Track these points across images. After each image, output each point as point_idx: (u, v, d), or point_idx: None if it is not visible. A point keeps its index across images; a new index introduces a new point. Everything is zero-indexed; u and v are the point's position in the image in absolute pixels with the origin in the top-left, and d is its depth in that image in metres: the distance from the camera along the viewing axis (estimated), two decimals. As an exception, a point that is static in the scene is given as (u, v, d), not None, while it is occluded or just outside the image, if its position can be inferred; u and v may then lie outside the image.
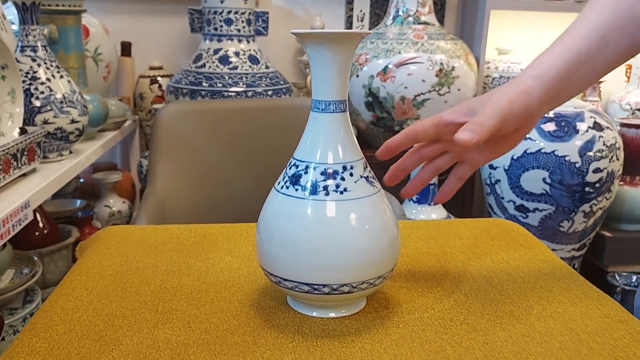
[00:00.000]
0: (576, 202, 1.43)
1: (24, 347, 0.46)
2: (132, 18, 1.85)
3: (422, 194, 1.51)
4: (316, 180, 0.48)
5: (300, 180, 0.49)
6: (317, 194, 0.48)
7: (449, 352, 0.46)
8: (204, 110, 1.20)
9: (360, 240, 0.48)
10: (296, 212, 0.48)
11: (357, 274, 0.48)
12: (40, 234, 1.22)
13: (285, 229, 0.49)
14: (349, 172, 0.49)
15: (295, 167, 0.50)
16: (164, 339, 0.47)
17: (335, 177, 0.49)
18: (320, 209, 0.48)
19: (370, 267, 0.49)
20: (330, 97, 0.49)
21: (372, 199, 0.50)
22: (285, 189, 0.50)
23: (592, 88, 1.96)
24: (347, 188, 0.48)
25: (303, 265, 0.48)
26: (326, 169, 0.49)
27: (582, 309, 0.53)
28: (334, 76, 0.49)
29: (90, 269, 0.61)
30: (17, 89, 0.96)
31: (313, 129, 0.50)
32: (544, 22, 2.04)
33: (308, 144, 0.50)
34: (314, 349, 0.46)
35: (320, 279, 0.48)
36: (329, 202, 0.48)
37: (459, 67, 1.59)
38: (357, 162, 0.50)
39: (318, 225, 0.48)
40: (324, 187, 0.48)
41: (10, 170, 0.87)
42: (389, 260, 0.50)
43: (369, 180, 0.50)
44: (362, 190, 0.49)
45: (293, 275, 0.49)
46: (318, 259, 0.47)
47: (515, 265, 0.63)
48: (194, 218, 1.09)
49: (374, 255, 0.49)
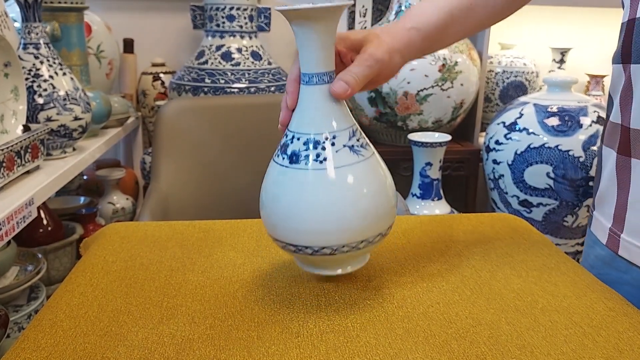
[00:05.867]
0: (580, 197, 1.43)
1: (30, 343, 0.46)
2: (134, 15, 1.85)
3: (426, 189, 1.51)
4: (299, 150, 0.50)
5: (287, 150, 0.51)
6: (298, 163, 0.50)
7: (454, 346, 0.46)
8: (206, 106, 1.20)
9: (337, 209, 0.49)
10: (280, 179, 0.51)
11: (336, 238, 0.50)
12: (45, 231, 1.22)
13: (271, 195, 0.52)
14: (331, 141, 0.50)
15: (285, 137, 0.52)
16: (169, 335, 0.47)
17: (317, 147, 0.50)
18: (300, 177, 0.50)
19: (352, 232, 0.50)
20: (314, 70, 0.50)
21: (356, 167, 0.50)
22: (276, 157, 0.52)
23: (596, 82, 1.95)
24: (327, 157, 0.50)
25: (289, 228, 0.50)
26: (308, 139, 0.50)
27: (586, 302, 0.53)
28: (315, 49, 0.50)
29: (94, 265, 0.61)
30: (20, 86, 0.96)
31: (301, 101, 0.52)
32: (547, 16, 2.03)
33: (296, 115, 0.52)
34: (319, 344, 0.46)
35: (311, 242, 0.50)
36: (309, 171, 0.50)
37: (462, 62, 1.58)
38: (342, 132, 0.51)
39: (298, 192, 0.50)
40: (305, 156, 0.50)
41: (14, 167, 0.87)
42: (382, 221, 0.52)
43: (353, 148, 0.51)
44: (345, 159, 0.50)
45: (288, 239, 0.51)
46: (300, 223, 0.50)
47: (520, 259, 0.63)
48: (197, 214, 1.09)
49: (360, 220, 0.50)
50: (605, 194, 0.66)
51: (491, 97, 1.93)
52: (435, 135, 1.50)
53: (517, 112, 1.49)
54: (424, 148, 1.46)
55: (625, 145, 0.61)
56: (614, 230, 0.64)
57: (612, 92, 0.65)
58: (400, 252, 0.65)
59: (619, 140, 0.62)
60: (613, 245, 0.64)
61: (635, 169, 0.60)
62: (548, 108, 1.44)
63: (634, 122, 0.59)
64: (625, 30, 0.61)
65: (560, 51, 1.93)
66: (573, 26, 2.06)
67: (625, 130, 0.61)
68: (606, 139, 0.66)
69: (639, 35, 0.58)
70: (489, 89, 1.93)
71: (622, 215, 0.63)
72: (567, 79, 1.48)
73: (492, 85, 1.92)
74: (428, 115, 1.61)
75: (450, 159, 1.65)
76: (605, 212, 0.66)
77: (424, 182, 1.51)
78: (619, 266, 0.63)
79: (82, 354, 0.44)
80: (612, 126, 0.64)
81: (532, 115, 1.45)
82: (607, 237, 0.65)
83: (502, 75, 1.90)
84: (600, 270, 0.66)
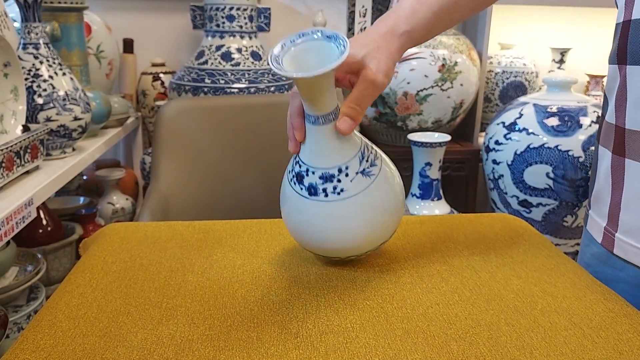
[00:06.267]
0: (580, 197, 1.43)
1: (29, 344, 0.46)
2: (134, 15, 1.85)
3: (426, 189, 1.51)
4: (315, 183, 0.54)
5: (304, 181, 0.55)
6: (317, 195, 0.54)
7: (453, 347, 0.46)
8: (206, 106, 1.20)
9: (358, 228, 0.55)
10: (303, 208, 0.55)
11: (360, 249, 0.58)
12: (44, 231, 1.22)
13: (296, 219, 0.57)
14: (345, 173, 0.54)
15: (299, 167, 0.56)
16: (168, 335, 0.47)
17: (332, 180, 0.54)
18: (321, 209, 0.54)
19: (372, 242, 0.57)
20: (319, 112, 0.53)
21: (369, 190, 0.54)
22: (293, 184, 0.56)
23: (595, 82, 1.95)
24: (344, 188, 0.54)
25: (313, 245, 0.58)
26: (323, 174, 0.54)
27: (586, 303, 0.53)
28: (319, 95, 0.51)
29: (94, 265, 0.61)
30: (20, 86, 0.96)
31: (309, 136, 0.54)
32: (547, 16, 2.03)
33: (306, 148, 0.55)
34: (318, 345, 0.46)
35: (330, 254, 0.58)
36: (328, 203, 0.54)
37: (462, 62, 1.58)
38: (352, 160, 0.54)
39: (321, 221, 0.55)
40: (322, 189, 0.54)
41: (13, 167, 0.87)
42: (391, 230, 0.59)
43: (365, 172, 0.54)
44: (359, 185, 0.54)
45: (308, 248, 0.59)
46: (322, 243, 0.57)
47: (519, 260, 0.63)
48: (197, 214, 1.09)
49: (375, 234, 0.57)
50: (600, 193, 0.66)
51: (491, 97, 1.93)
52: (435, 136, 1.50)
53: (516, 112, 1.49)
54: (424, 148, 1.46)
55: (620, 146, 0.61)
56: (609, 230, 0.64)
57: (608, 92, 0.65)
58: (399, 252, 0.65)
59: (613, 141, 0.63)
60: (608, 244, 0.64)
61: (629, 169, 0.60)
62: (548, 108, 1.44)
63: (629, 122, 0.59)
64: (621, 32, 0.61)
65: (560, 51, 1.93)
66: (573, 26, 2.06)
67: (620, 130, 0.61)
68: (601, 139, 0.67)
69: (634, 37, 0.58)
70: (489, 89, 1.93)
71: (616, 214, 0.63)
72: (567, 79, 1.48)
73: (492, 85, 1.92)
74: (428, 116, 1.61)
75: (450, 159, 1.65)
76: (600, 211, 0.67)
77: (423, 182, 1.51)
78: (615, 264, 0.64)
79: (81, 354, 0.44)
80: (607, 126, 0.64)
81: (531, 115, 1.45)
82: (603, 236, 0.65)
83: (502, 76, 1.90)
84: (596, 268, 0.66)
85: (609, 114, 0.64)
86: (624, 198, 0.61)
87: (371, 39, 0.56)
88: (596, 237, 0.67)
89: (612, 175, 0.63)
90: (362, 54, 0.54)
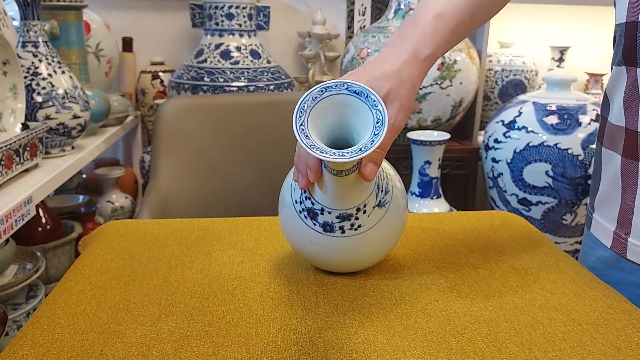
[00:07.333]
0: (579, 195, 1.43)
1: (28, 340, 0.46)
2: (133, 13, 1.84)
3: (425, 188, 1.51)
4: (332, 222, 0.53)
5: (318, 218, 0.53)
6: (333, 232, 0.53)
7: (452, 343, 0.46)
8: (205, 105, 1.20)
9: (371, 255, 0.56)
10: (314, 240, 0.54)
11: (367, 265, 0.59)
12: (43, 229, 1.22)
13: (305, 248, 0.56)
14: (363, 210, 0.52)
15: (311, 203, 0.53)
16: (167, 332, 0.47)
17: (350, 219, 0.52)
18: (336, 243, 0.54)
19: (381, 257, 0.59)
20: (344, 167, 0.48)
21: (384, 219, 0.54)
22: (303, 217, 0.54)
23: (595, 81, 1.95)
24: (362, 224, 0.53)
25: (320, 266, 0.59)
26: (341, 214, 0.52)
27: (585, 300, 0.53)
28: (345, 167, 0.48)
29: (93, 263, 0.61)
30: (19, 84, 0.96)
31: (328, 182, 0.51)
32: (546, 14, 2.03)
33: (323, 190, 0.52)
34: (317, 341, 0.46)
35: (341, 273, 0.59)
36: (345, 239, 0.53)
37: (461, 60, 1.58)
38: (370, 197, 0.52)
39: (335, 252, 0.55)
40: (340, 227, 0.53)
41: (12, 165, 0.87)
42: (398, 242, 0.60)
43: (380, 204, 0.53)
44: (375, 217, 0.53)
45: (312, 264, 0.60)
46: (331, 267, 0.58)
47: (518, 257, 0.63)
48: (196, 213, 1.09)
49: (385, 253, 0.58)
50: (607, 196, 0.65)
51: (490, 96, 1.93)
52: (434, 134, 1.50)
53: (516, 111, 1.49)
54: (423, 146, 1.46)
55: (631, 149, 0.60)
56: (619, 234, 0.63)
57: (611, 93, 0.64)
58: (398, 249, 0.65)
59: (623, 144, 0.61)
60: (619, 248, 0.63)
61: None
62: (547, 106, 1.44)
63: None
64: (626, 33, 0.60)
65: (560, 50, 1.92)
66: (572, 24, 2.06)
67: (631, 133, 0.60)
68: (606, 142, 0.65)
69: None
70: (488, 87, 1.93)
71: (627, 218, 0.61)
72: (566, 77, 1.48)
73: (491, 83, 1.92)
74: (427, 114, 1.61)
75: (449, 157, 1.64)
76: (607, 215, 0.65)
77: (423, 181, 1.51)
78: (625, 267, 0.62)
79: (80, 351, 0.44)
80: (614, 128, 0.63)
81: (531, 113, 1.45)
82: (612, 240, 0.64)
83: (501, 74, 1.90)
84: (602, 271, 0.65)
85: (614, 116, 0.63)
86: (637, 202, 0.60)
87: (393, 68, 0.52)
88: (603, 241, 0.65)
89: (623, 179, 0.61)
90: (385, 90, 0.50)
